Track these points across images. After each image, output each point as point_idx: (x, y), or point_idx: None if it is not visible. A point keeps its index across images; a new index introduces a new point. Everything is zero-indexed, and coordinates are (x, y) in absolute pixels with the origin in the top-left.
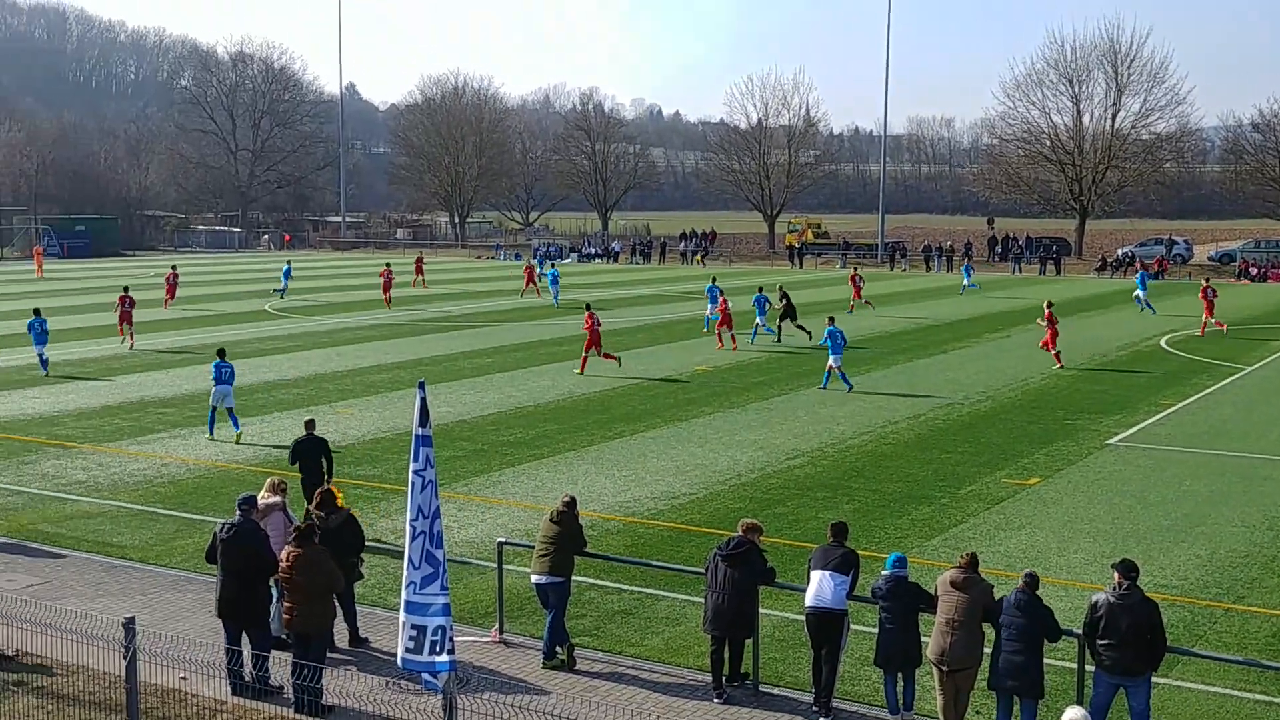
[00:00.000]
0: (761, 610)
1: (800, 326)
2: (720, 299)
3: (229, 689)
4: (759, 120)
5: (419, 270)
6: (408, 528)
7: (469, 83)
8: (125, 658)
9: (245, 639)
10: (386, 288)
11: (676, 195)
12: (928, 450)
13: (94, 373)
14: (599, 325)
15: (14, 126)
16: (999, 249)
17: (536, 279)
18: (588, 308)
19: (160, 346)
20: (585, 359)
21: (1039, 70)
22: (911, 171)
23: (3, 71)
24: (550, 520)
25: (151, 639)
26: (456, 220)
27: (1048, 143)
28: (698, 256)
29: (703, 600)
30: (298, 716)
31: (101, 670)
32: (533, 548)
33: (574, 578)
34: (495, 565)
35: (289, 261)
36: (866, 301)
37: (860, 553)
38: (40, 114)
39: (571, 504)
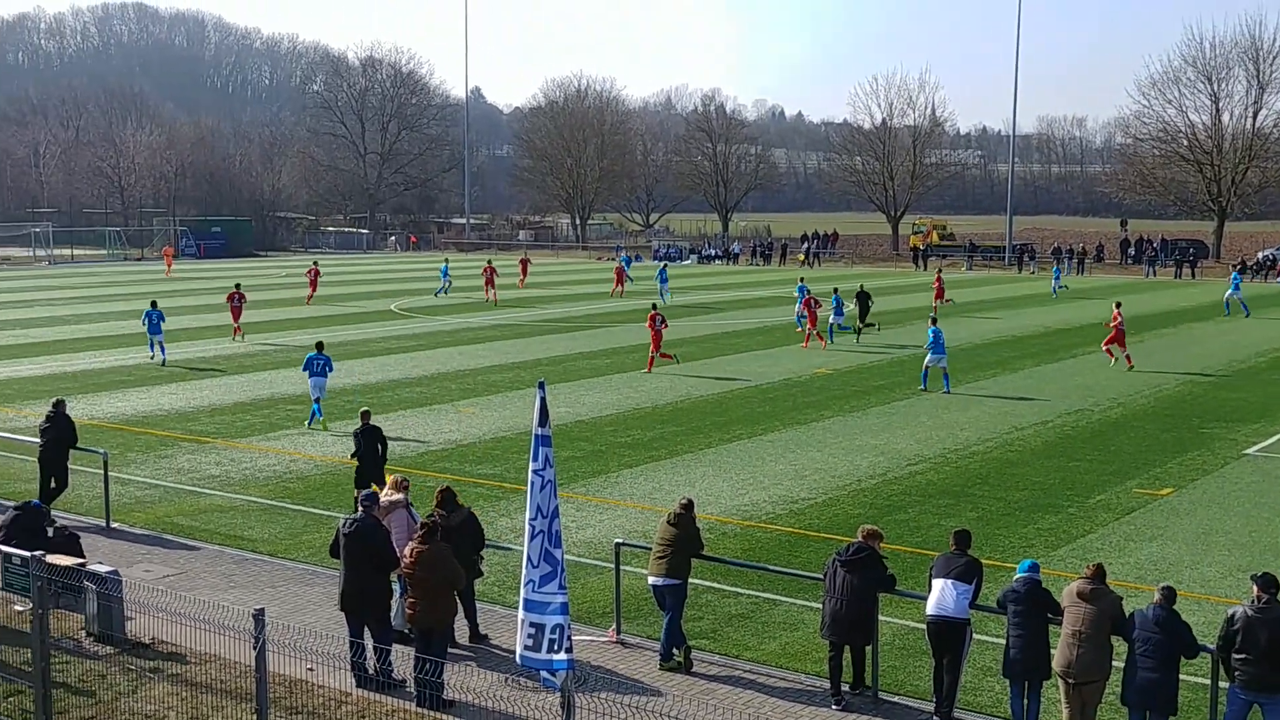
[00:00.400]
0: (881, 617)
1: (869, 324)
2: (806, 297)
3: (353, 681)
4: (883, 120)
5: (524, 271)
6: (527, 526)
7: (591, 85)
8: (255, 648)
9: (368, 633)
10: (489, 282)
11: (798, 196)
12: (1055, 458)
13: (228, 369)
14: (662, 325)
15: (155, 131)
16: (1132, 251)
17: (625, 280)
18: (653, 308)
19: (291, 343)
20: (652, 359)
21: (1176, 68)
22: (1041, 172)
23: (145, 78)
24: (668, 522)
25: (280, 630)
26: (577, 222)
27: (1185, 142)
28: (797, 257)
29: (821, 606)
30: (420, 710)
31: (232, 659)
32: (650, 549)
33: (691, 580)
34: (613, 566)
35: (446, 260)
36: (948, 300)
37: (984, 561)
38: (180, 118)
39: (689, 506)
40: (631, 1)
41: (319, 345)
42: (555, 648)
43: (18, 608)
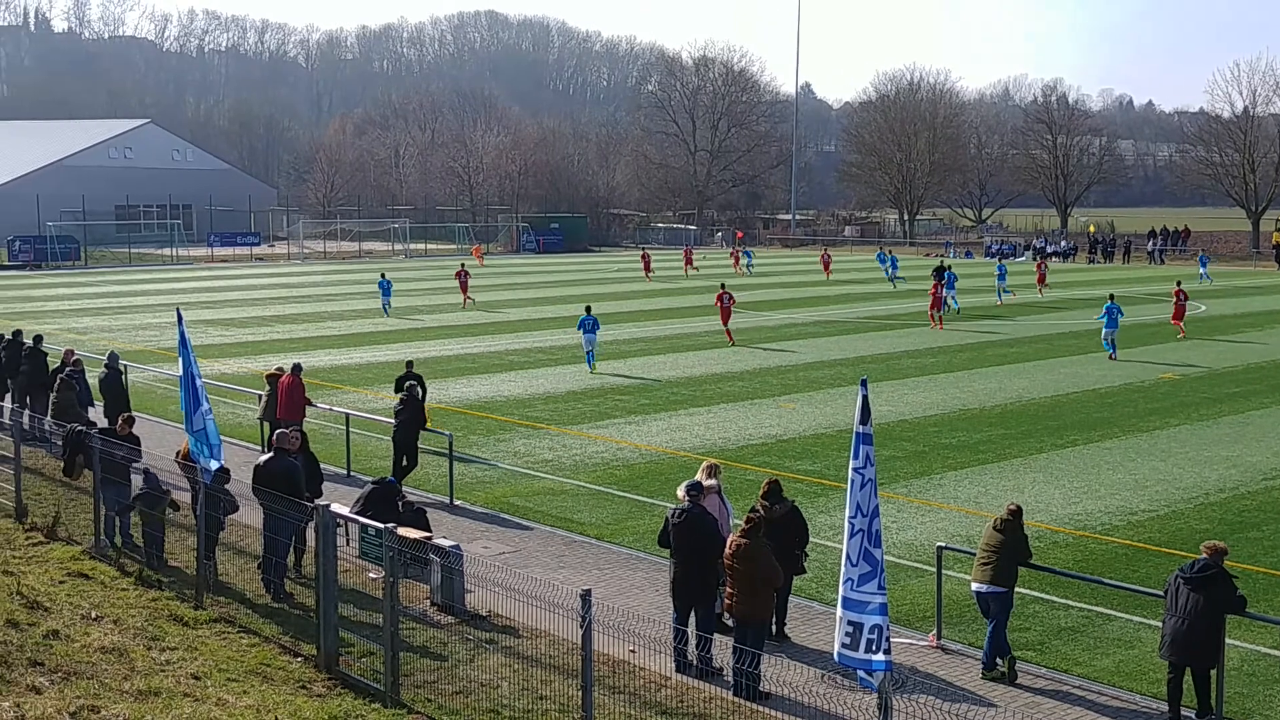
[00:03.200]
0: (1227, 640)
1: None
2: (935, 284)
3: (673, 665)
4: (1245, 108)
5: (688, 260)
6: (846, 524)
7: (924, 77)
8: (582, 627)
9: (692, 620)
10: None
11: (1146, 191)
12: None
13: (561, 359)
14: (729, 303)
15: (502, 132)
16: None
17: (742, 263)
18: (722, 287)
19: (623, 337)
20: (728, 331)
21: None
22: None
23: (495, 81)
24: (994, 528)
25: (605, 611)
26: (905, 218)
27: None
28: (1145, 254)
29: (1160, 624)
30: (736, 700)
31: (560, 636)
32: (974, 554)
33: (1017, 589)
34: (934, 569)
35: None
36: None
37: None
38: (524, 120)
39: (1017, 513)
40: None
41: (588, 308)
42: (873, 648)
43: (371, 575)
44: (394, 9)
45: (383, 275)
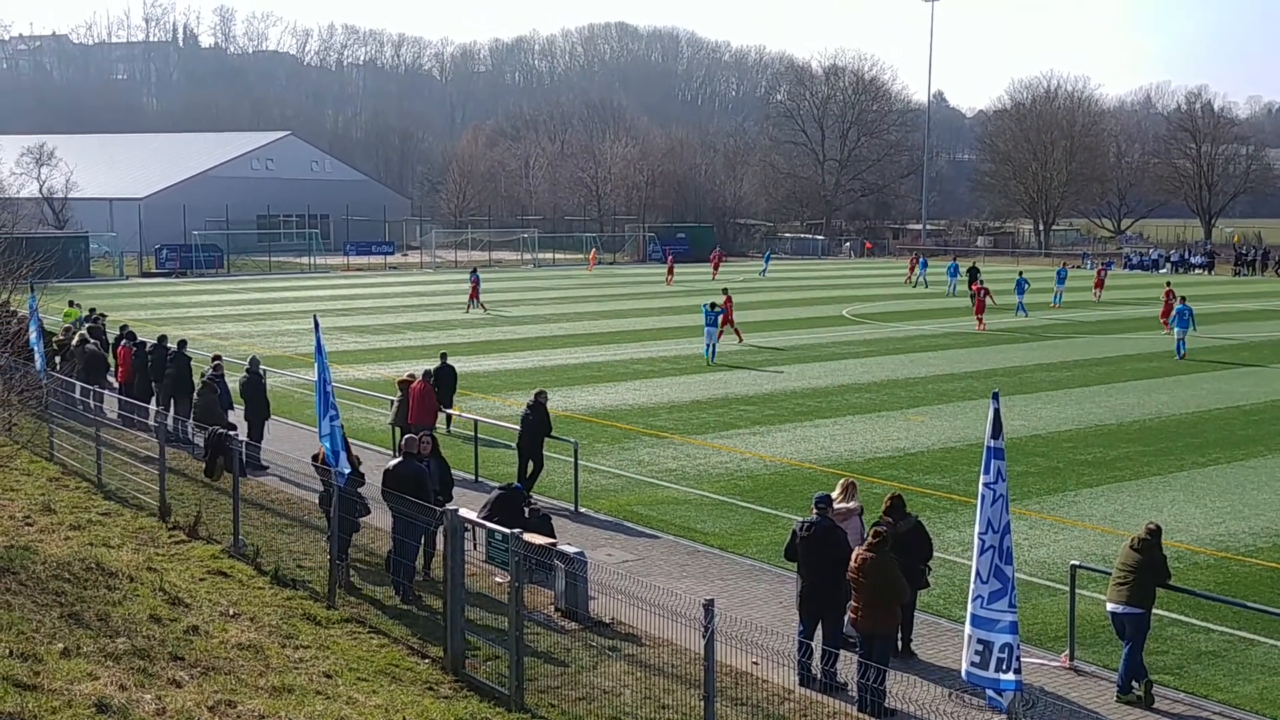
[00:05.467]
0: None
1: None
2: (973, 285)
3: (796, 679)
4: None
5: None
6: (976, 540)
7: (1062, 85)
8: (704, 637)
9: (818, 634)
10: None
11: None
12: None
13: (687, 368)
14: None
15: (630, 143)
16: None
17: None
18: (724, 292)
19: (748, 346)
20: (735, 330)
21: None
22: None
23: (624, 92)
24: (1130, 547)
25: (728, 622)
26: (1040, 228)
27: None
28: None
29: None
30: (860, 715)
31: (683, 645)
32: (1109, 574)
33: (1155, 611)
34: (1067, 588)
35: (954, 259)
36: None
37: None
38: (653, 130)
39: (1156, 532)
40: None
41: (712, 304)
42: (1004, 667)
43: (497, 579)
44: (526, 22)
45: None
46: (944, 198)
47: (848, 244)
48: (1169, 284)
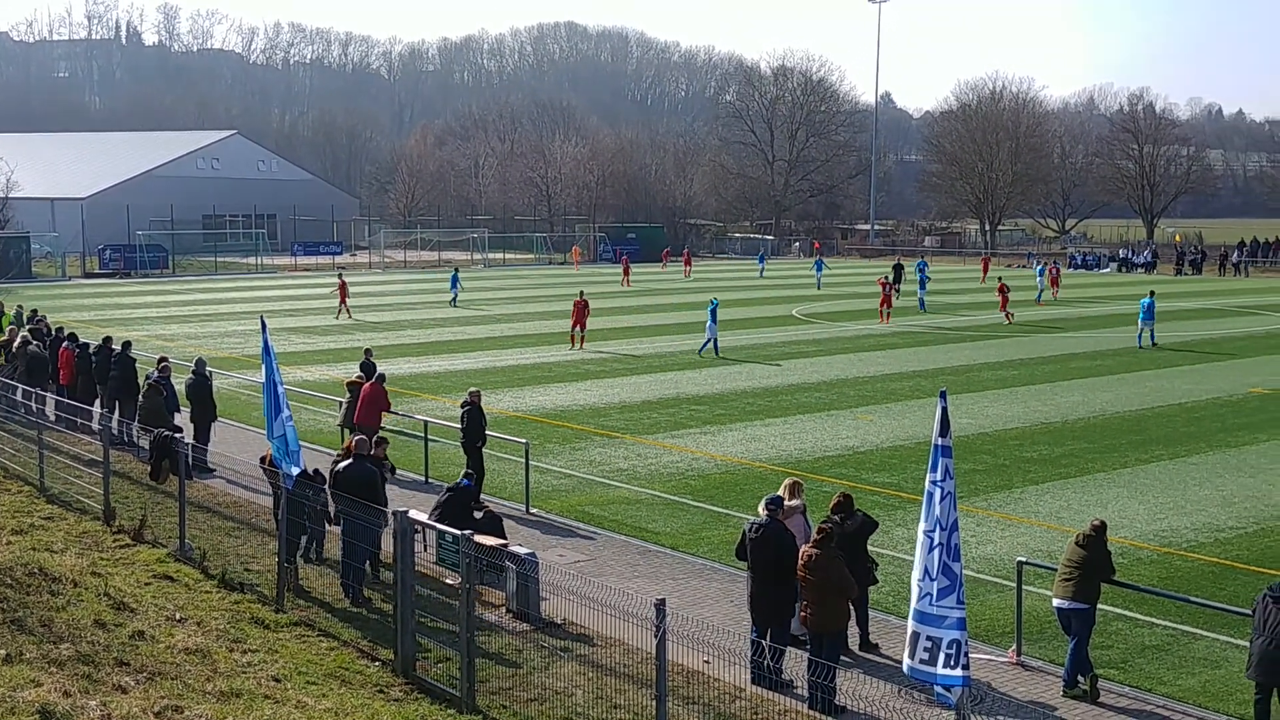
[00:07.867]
0: None
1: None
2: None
3: (749, 677)
4: None
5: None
6: (922, 538)
7: (1007, 86)
8: (656, 636)
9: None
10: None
11: (1236, 201)
12: None
13: (637, 368)
14: (587, 308)
15: (580, 142)
16: None
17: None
18: (580, 294)
19: (697, 345)
20: (574, 336)
21: None
22: None
23: (573, 92)
24: (1076, 543)
25: (679, 621)
26: (986, 228)
27: None
28: (1230, 265)
29: (1248, 644)
30: (811, 713)
31: (634, 645)
32: (1055, 570)
33: (1100, 606)
34: (1014, 584)
35: (456, 269)
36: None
37: None
38: (602, 130)
39: (1101, 528)
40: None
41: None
42: (952, 663)
43: (448, 580)
44: (475, 21)
45: (455, 269)
46: (892, 198)
47: (796, 244)
48: (1001, 279)
